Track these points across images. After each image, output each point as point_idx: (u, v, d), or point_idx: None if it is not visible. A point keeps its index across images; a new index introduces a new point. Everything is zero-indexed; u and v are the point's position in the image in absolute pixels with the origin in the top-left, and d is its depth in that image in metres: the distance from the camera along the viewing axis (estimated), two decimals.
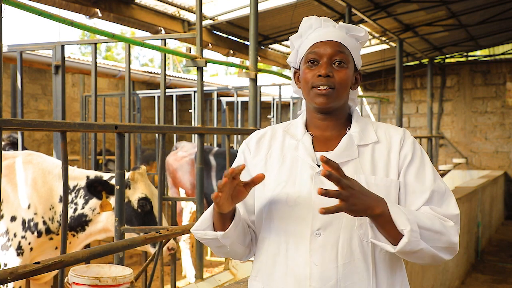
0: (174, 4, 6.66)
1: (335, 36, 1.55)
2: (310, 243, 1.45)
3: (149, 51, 28.44)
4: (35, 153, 3.53)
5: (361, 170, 1.49)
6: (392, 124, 1.65)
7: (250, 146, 1.63)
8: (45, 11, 2.99)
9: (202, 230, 1.51)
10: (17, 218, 3.27)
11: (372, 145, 1.54)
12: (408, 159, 1.51)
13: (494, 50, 12.32)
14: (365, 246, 1.45)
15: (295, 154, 1.55)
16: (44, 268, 1.85)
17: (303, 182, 1.49)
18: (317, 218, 1.45)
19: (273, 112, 9.23)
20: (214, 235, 1.49)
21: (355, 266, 1.44)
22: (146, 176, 3.60)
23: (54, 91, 4.68)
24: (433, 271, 4.78)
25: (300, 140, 1.57)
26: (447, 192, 1.50)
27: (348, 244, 1.44)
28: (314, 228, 1.45)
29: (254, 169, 1.58)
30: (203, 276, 4.18)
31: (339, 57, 1.52)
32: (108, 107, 10.61)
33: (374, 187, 1.45)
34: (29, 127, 2.77)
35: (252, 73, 4.91)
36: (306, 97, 1.56)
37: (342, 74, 1.52)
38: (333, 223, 1.45)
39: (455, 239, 1.43)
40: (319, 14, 7.64)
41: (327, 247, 1.44)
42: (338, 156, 1.49)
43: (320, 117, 1.57)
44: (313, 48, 1.54)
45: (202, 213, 3.94)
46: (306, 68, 1.55)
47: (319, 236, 1.44)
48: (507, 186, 11.55)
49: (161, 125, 3.98)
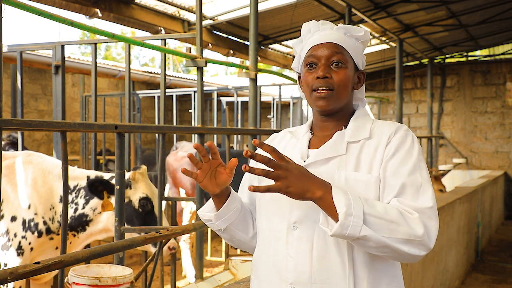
0: (174, 4, 6.66)
1: (332, 37, 1.56)
2: (286, 236, 1.49)
3: (149, 51, 28.44)
4: (35, 153, 3.53)
5: (345, 166, 1.49)
6: (394, 122, 1.65)
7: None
8: (45, 11, 2.99)
9: (205, 212, 1.60)
10: (17, 218, 3.27)
11: (363, 141, 1.52)
12: (390, 153, 1.47)
13: (494, 50, 12.32)
14: (340, 242, 1.44)
15: (292, 152, 1.59)
16: (44, 268, 1.85)
17: None
18: (294, 212, 1.48)
19: (273, 112, 9.24)
20: (209, 216, 1.58)
21: (330, 260, 1.44)
22: (146, 176, 3.60)
23: (54, 91, 4.68)
24: (433, 271, 4.78)
25: (300, 139, 1.62)
26: (423, 186, 1.44)
27: (323, 238, 1.45)
28: (291, 222, 1.49)
29: (258, 166, 1.62)
30: (203, 276, 4.19)
31: (336, 58, 1.53)
32: (108, 107, 10.61)
33: (353, 183, 1.45)
34: (29, 127, 2.77)
35: (252, 73, 4.91)
36: (308, 100, 1.59)
37: (340, 74, 1.53)
38: (308, 216, 1.46)
39: (418, 231, 1.36)
40: (319, 14, 7.60)
41: (302, 240, 1.46)
42: (323, 152, 1.52)
43: (322, 118, 1.60)
44: (311, 51, 1.57)
45: None
46: (306, 72, 1.57)
47: (295, 230, 1.48)
48: (507, 186, 11.55)
49: (161, 125, 3.98)
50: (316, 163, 1.50)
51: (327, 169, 1.49)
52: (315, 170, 1.48)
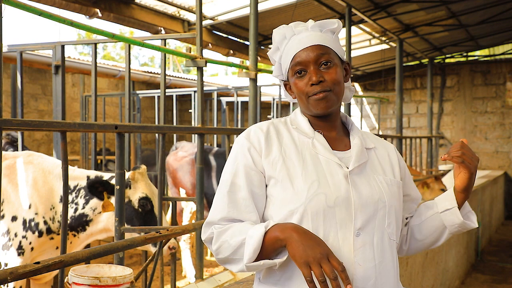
0: (174, 4, 6.66)
1: (312, 39, 1.53)
2: (353, 243, 1.43)
3: (149, 51, 28.44)
4: (35, 153, 3.53)
5: (376, 171, 1.55)
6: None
7: (256, 144, 1.51)
8: (45, 11, 2.99)
9: (258, 262, 1.39)
10: (18, 218, 3.28)
11: (373, 149, 1.61)
12: (407, 172, 1.68)
13: (494, 50, 12.32)
14: (392, 245, 1.50)
15: (313, 152, 1.51)
16: (44, 268, 1.85)
17: (337, 182, 1.46)
18: (358, 218, 1.45)
19: (273, 112, 9.23)
20: (272, 263, 1.39)
21: (386, 264, 1.48)
22: (146, 175, 3.60)
23: (54, 91, 4.68)
24: (433, 271, 4.78)
25: (313, 137, 1.54)
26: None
27: (381, 243, 1.47)
28: (356, 228, 1.44)
29: (270, 169, 1.49)
30: (203, 276, 4.18)
31: (323, 58, 1.52)
32: (108, 107, 10.61)
33: (390, 187, 1.54)
34: (29, 127, 2.77)
35: (252, 73, 4.91)
36: (305, 106, 1.56)
37: (332, 73, 1.52)
38: (370, 222, 1.47)
39: None
40: (319, 14, 7.59)
41: (366, 247, 1.45)
42: (359, 157, 1.53)
43: (321, 120, 1.59)
44: (296, 58, 1.53)
45: (202, 213, 3.95)
46: (296, 79, 1.54)
47: (358, 236, 1.45)
48: (507, 186, 11.55)
49: (161, 125, 3.98)
50: (357, 168, 1.52)
51: (366, 174, 1.53)
52: (358, 175, 1.51)
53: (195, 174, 4.15)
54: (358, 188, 1.47)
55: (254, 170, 1.49)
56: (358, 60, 10.82)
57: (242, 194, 1.48)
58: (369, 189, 1.48)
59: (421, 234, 1.66)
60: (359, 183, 1.48)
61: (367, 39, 9.59)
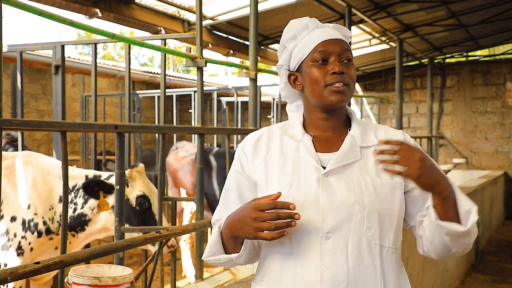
0: (174, 4, 6.66)
1: (338, 35, 1.56)
2: (320, 247, 1.43)
3: (149, 50, 28.45)
4: (34, 153, 3.53)
5: (366, 172, 1.49)
6: (389, 126, 1.66)
7: (246, 150, 1.58)
8: (45, 11, 2.99)
9: (214, 256, 1.49)
10: (17, 218, 3.27)
11: (374, 147, 1.52)
12: None
13: (494, 50, 12.32)
14: (373, 249, 1.45)
15: (296, 155, 1.52)
16: (44, 268, 1.85)
17: (309, 185, 1.46)
18: (326, 221, 1.43)
19: (273, 112, 9.23)
20: (228, 258, 1.47)
21: (364, 269, 1.44)
22: (144, 173, 3.59)
23: (54, 91, 4.68)
24: (433, 271, 4.78)
25: (300, 141, 1.54)
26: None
27: (357, 247, 1.43)
28: (324, 231, 1.43)
29: (254, 173, 1.55)
30: (203, 276, 4.18)
31: (346, 55, 1.53)
32: (108, 107, 10.60)
33: (380, 189, 1.47)
34: (29, 127, 2.77)
35: (252, 73, 4.91)
36: (317, 96, 1.52)
37: (351, 71, 1.53)
38: (342, 226, 1.44)
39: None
40: (319, 14, 7.60)
41: (337, 250, 1.43)
42: (342, 158, 1.48)
43: (323, 116, 1.55)
44: (320, 47, 1.52)
45: (202, 213, 3.95)
46: (315, 67, 1.52)
47: (328, 239, 1.43)
48: (507, 186, 11.55)
49: (161, 125, 3.98)
50: (337, 169, 1.47)
51: (350, 175, 1.47)
52: (338, 176, 1.46)
53: (196, 174, 4.15)
54: (331, 191, 1.45)
55: (242, 175, 1.58)
56: (358, 60, 10.82)
57: (233, 197, 1.59)
58: (345, 192, 1.44)
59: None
60: (335, 186, 1.44)
61: (367, 39, 9.59)
